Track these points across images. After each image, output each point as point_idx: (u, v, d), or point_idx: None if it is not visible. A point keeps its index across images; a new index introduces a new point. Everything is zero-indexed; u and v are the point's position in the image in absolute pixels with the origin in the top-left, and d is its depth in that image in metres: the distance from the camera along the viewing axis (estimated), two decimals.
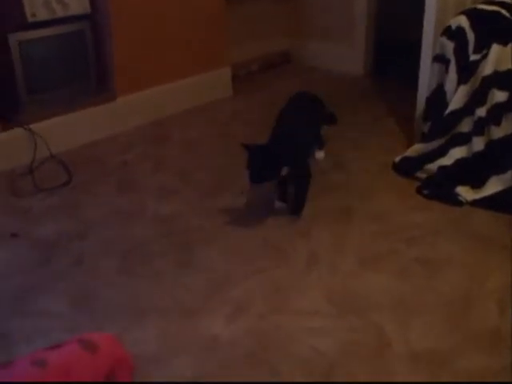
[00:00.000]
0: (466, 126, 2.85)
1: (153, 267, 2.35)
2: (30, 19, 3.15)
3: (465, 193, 2.78)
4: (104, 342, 1.18)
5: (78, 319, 2.06)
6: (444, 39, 2.93)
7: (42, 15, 3.19)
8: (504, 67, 2.74)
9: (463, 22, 2.87)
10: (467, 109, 2.83)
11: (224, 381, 1.82)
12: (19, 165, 3.06)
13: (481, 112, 2.77)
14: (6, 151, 3.07)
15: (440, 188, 2.83)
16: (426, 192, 2.84)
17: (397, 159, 3.08)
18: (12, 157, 3.08)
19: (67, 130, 3.32)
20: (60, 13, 3.26)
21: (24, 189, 2.91)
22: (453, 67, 2.89)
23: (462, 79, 2.85)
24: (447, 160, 2.90)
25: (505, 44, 2.76)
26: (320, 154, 3.20)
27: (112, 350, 1.17)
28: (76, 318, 2.07)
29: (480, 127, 2.78)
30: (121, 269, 2.34)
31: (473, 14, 2.89)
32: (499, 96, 2.71)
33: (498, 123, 2.72)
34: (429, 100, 3.07)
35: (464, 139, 2.86)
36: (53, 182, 2.96)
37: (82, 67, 3.43)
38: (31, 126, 3.13)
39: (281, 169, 2.53)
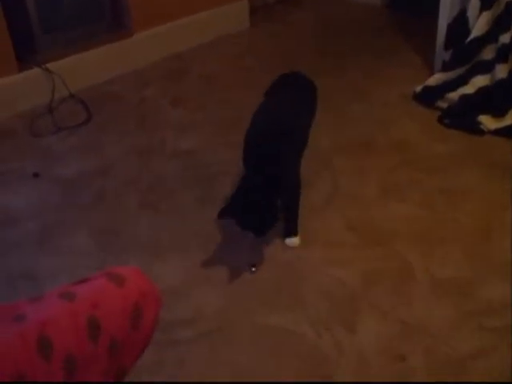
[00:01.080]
0: (488, 53, 2.80)
1: (174, 202, 2.36)
2: None
3: (486, 121, 2.75)
4: (131, 274, 1.18)
5: (102, 255, 2.09)
6: None
7: None
8: None
9: None
10: (490, 35, 2.77)
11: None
12: (38, 105, 3.05)
13: (504, 38, 2.71)
14: (25, 91, 3.06)
15: (461, 117, 2.80)
16: (447, 121, 2.81)
17: (417, 89, 3.03)
18: (31, 97, 3.07)
19: (84, 68, 3.30)
20: None
21: (44, 128, 2.91)
22: None
23: (484, 5, 2.78)
24: (469, 88, 2.86)
25: None
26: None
27: (139, 283, 1.18)
28: (100, 254, 2.10)
29: (503, 54, 2.73)
30: (142, 204, 2.35)
31: None
32: None
33: None
34: (450, 27, 3.00)
35: (487, 67, 2.81)
36: (72, 120, 2.96)
37: (97, 4, 3.38)
38: (48, 66, 3.10)
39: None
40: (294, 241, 2.12)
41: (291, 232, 2.13)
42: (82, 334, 1.05)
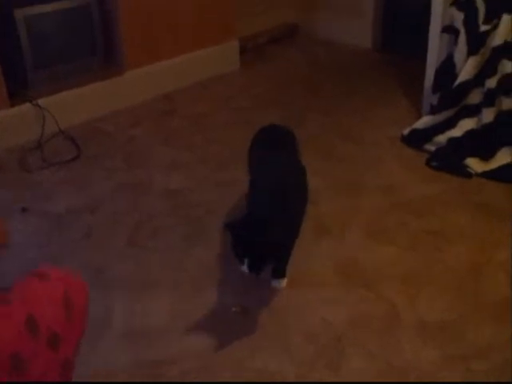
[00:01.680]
0: (475, 97, 2.83)
1: (162, 240, 2.36)
2: None
3: (474, 164, 2.77)
4: (54, 271, 1.28)
5: (89, 291, 2.07)
6: (453, 10, 2.91)
7: None
8: None
9: None
10: (477, 80, 2.81)
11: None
12: (28, 140, 3.06)
13: (490, 83, 2.75)
14: (15, 127, 3.07)
15: (449, 160, 2.82)
16: (434, 164, 2.83)
17: (406, 131, 3.06)
18: (21, 132, 3.08)
19: (75, 104, 3.31)
20: None
21: (33, 164, 2.92)
22: (462, 38, 2.86)
23: (471, 50, 2.82)
24: (456, 132, 2.89)
25: None
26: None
27: (62, 276, 1.27)
28: (90, 290, 2.08)
29: (490, 98, 2.76)
30: (130, 242, 2.35)
31: None
32: (509, 66, 2.69)
33: (508, 94, 2.70)
34: (438, 71, 3.05)
35: (473, 111, 2.85)
36: (62, 156, 2.97)
37: (89, 42, 3.42)
38: (39, 101, 3.12)
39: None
40: (281, 283, 2.10)
41: (279, 274, 2.10)
42: (21, 330, 1.11)
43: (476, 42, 2.80)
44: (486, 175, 2.74)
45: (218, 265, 2.17)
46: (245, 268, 1.84)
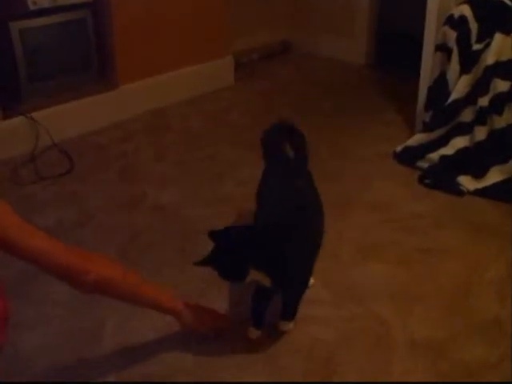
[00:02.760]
0: (467, 115, 2.84)
1: (153, 256, 2.35)
2: (32, 7, 3.13)
3: (466, 182, 2.78)
4: None
5: (79, 307, 2.07)
6: (447, 28, 2.93)
7: (44, 3, 3.18)
8: (506, 57, 2.73)
9: (466, 11, 2.85)
10: (469, 98, 2.82)
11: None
12: (21, 153, 3.06)
13: (483, 101, 2.76)
14: (8, 140, 3.07)
15: (441, 177, 2.83)
16: (427, 181, 2.84)
17: (398, 148, 3.07)
18: (14, 145, 3.08)
19: (69, 118, 3.31)
20: (62, 1, 3.24)
21: (26, 177, 2.91)
22: (455, 56, 2.88)
23: (464, 68, 2.84)
24: (449, 149, 2.90)
25: (507, 33, 2.75)
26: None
27: None
28: (77, 305, 2.07)
29: (482, 117, 2.78)
30: (121, 257, 2.34)
31: (475, 3, 2.87)
32: (501, 85, 2.71)
33: (500, 113, 2.72)
34: (431, 89, 3.06)
35: (466, 129, 2.86)
36: (55, 170, 2.96)
37: (83, 55, 3.43)
38: (33, 115, 3.12)
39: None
40: (286, 325, 1.98)
41: (286, 317, 1.97)
42: None
43: (469, 61, 2.82)
44: (478, 193, 2.75)
45: (209, 281, 2.16)
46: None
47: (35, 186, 2.85)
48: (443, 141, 2.92)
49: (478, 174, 2.79)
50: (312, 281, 2.11)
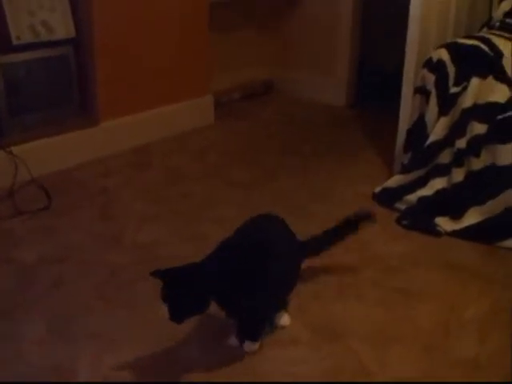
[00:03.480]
0: (445, 157, 2.88)
1: (129, 293, 2.33)
2: (15, 42, 3.15)
3: (444, 223, 2.80)
4: None
5: (54, 344, 2.04)
6: (425, 71, 2.98)
7: (27, 38, 3.20)
8: (483, 100, 2.78)
9: (444, 55, 2.91)
10: (447, 140, 2.86)
11: None
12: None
13: (460, 144, 2.80)
14: None
15: (419, 218, 2.85)
16: (405, 222, 2.86)
17: (377, 190, 3.10)
18: None
19: (49, 153, 3.31)
20: (45, 36, 3.27)
21: (4, 211, 2.89)
22: (433, 99, 2.92)
23: (442, 111, 2.89)
24: (427, 191, 2.92)
25: (484, 77, 2.80)
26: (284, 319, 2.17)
27: None
28: (52, 342, 2.05)
29: (459, 159, 2.81)
30: (98, 294, 2.32)
31: (453, 48, 2.93)
32: (478, 128, 2.75)
33: (477, 155, 2.75)
34: (409, 131, 3.10)
35: (444, 170, 2.89)
36: (33, 205, 2.94)
37: (65, 91, 3.44)
38: (12, 149, 3.11)
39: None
40: (249, 346, 2.00)
41: (248, 337, 2.00)
42: None
43: (446, 104, 2.87)
44: (456, 234, 2.77)
45: (185, 323, 2.14)
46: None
47: (14, 221, 2.82)
48: (421, 182, 2.95)
49: (456, 215, 2.81)
50: (287, 320, 2.13)
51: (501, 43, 2.98)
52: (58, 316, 2.19)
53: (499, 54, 2.90)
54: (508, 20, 3.37)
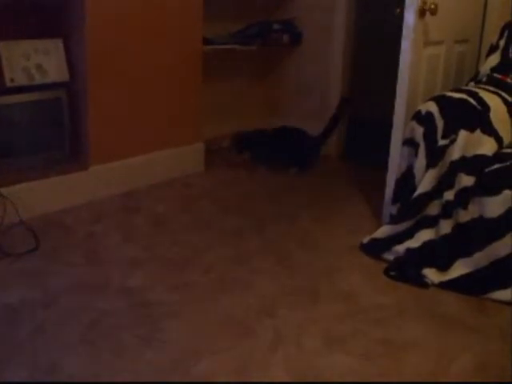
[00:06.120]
0: (433, 208, 2.90)
1: (115, 340, 2.31)
2: (9, 84, 3.18)
3: (431, 275, 2.80)
4: None
5: None
6: (414, 123, 3.01)
7: (21, 81, 3.23)
8: (471, 152, 2.82)
9: (432, 107, 2.95)
10: (435, 192, 2.88)
11: None
12: None
13: (448, 195, 2.83)
14: None
15: (407, 269, 2.85)
16: (393, 273, 2.86)
17: (365, 240, 3.10)
18: None
19: (38, 195, 3.31)
20: (38, 79, 3.31)
21: None
22: (422, 151, 2.95)
23: (430, 163, 2.91)
24: (415, 242, 2.93)
25: (472, 130, 2.84)
26: None
27: None
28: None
29: (447, 210, 2.83)
30: (83, 340, 2.29)
31: (441, 101, 2.97)
32: (466, 180, 2.77)
33: (465, 207, 2.77)
34: (398, 182, 3.12)
35: (432, 222, 2.90)
36: (20, 247, 2.93)
37: (56, 134, 3.46)
38: (1, 190, 3.11)
39: None
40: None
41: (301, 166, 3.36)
42: None
43: (435, 156, 2.90)
44: (443, 286, 2.77)
45: (169, 370, 2.12)
46: None
47: (0, 263, 2.80)
48: (409, 233, 2.96)
49: (443, 267, 2.82)
50: None
51: (488, 97, 3.04)
52: (41, 361, 2.15)
53: (486, 108, 2.95)
54: (495, 74, 3.44)
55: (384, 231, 3.04)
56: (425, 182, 2.91)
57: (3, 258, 2.84)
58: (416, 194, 2.92)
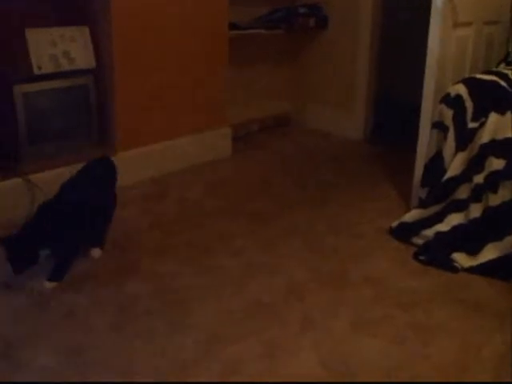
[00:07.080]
0: (463, 192, 2.87)
1: (144, 325, 2.32)
2: (36, 71, 3.20)
3: (461, 259, 2.78)
4: None
5: (66, 374, 2.03)
6: (443, 106, 2.97)
7: (48, 68, 3.25)
8: (501, 136, 2.77)
9: (462, 90, 2.91)
10: (465, 176, 2.85)
11: None
12: (16, 215, 3.04)
13: (478, 179, 2.79)
14: (4, 201, 3.07)
15: (436, 254, 2.83)
16: (422, 258, 2.84)
17: (394, 224, 3.08)
18: (8, 207, 3.07)
19: None
20: (66, 67, 3.32)
21: None
22: (451, 134, 2.92)
23: (459, 146, 2.88)
24: (444, 226, 2.91)
25: (502, 113, 2.79)
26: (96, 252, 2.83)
27: None
28: (64, 372, 2.03)
29: (477, 194, 2.80)
30: (113, 324, 2.31)
31: (471, 83, 2.93)
32: (496, 164, 2.74)
33: (494, 190, 2.74)
34: (427, 166, 3.09)
35: (461, 206, 2.87)
36: None
37: (84, 121, 3.47)
38: (30, 177, 3.14)
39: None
40: (49, 284, 2.51)
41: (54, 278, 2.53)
42: None
43: (464, 139, 2.86)
44: (473, 270, 2.74)
45: (200, 353, 2.13)
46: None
47: None
48: (439, 217, 2.93)
49: (473, 251, 2.79)
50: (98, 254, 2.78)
51: None
52: (71, 346, 2.17)
53: None
54: None
55: (413, 215, 3.01)
56: (454, 165, 2.87)
57: None
58: (445, 177, 2.89)
